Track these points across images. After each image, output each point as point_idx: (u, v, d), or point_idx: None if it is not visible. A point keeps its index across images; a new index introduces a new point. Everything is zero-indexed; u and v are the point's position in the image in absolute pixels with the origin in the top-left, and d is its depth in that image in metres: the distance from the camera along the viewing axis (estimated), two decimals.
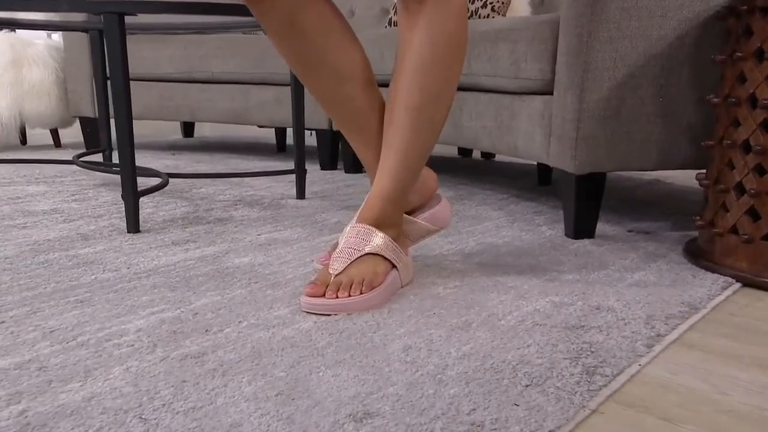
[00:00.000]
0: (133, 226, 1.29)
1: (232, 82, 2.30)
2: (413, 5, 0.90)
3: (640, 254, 1.17)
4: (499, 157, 2.65)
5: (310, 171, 2.13)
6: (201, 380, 0.67)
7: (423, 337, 0.79)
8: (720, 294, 0.97)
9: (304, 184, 1.66)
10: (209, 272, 1.04)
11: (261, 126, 2.57)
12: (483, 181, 1.98)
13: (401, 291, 0.96)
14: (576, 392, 0.66)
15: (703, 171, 1.16)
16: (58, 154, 2.49)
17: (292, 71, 1.56)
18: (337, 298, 0.87)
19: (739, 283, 1.02)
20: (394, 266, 0.95)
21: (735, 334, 0.84)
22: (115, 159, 2.08)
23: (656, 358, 0.76)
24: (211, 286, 0.97)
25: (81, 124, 2.62)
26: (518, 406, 0.63)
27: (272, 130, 3.61)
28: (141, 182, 1.38)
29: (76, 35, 2.49)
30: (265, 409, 0.62)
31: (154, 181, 1.70)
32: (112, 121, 3.04)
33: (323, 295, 0.87)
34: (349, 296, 0.87)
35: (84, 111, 2.56)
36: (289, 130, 3.13)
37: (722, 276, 1.04)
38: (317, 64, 0.93)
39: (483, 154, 2.68)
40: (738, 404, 0.66)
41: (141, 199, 1.60)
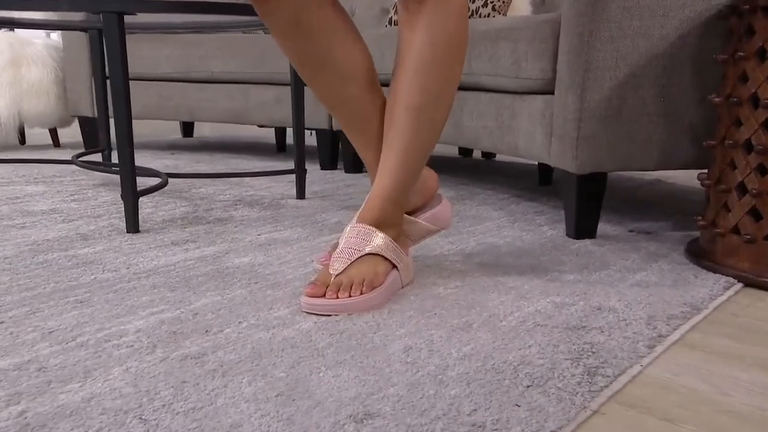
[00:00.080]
0: (133, 226, 1.29)
1: (231, 81, 2.30)
2: (413, 5, 0.89)
3: (642, 254, 1.17)
4: (499, 156, 2.65)
5: (310, 171, 2.13)
6: (201, 381, 0.67)
7: (424, 338, 0.79)
8: (722, 294, 0.97)
9: (304, 184, 1.66)
10: (209, 272, 1.04)
11: (261, 126, 2.57)
12: (484, 181, 1.98)
13: (402, 291, 0.96)
14: (577, 393, 0.66)
15: (705, 171, 1.16)
16: (57, 154, 2.49)
17: (294, 70, 1.56)
18: (337, 298, 0.87)
19: (740, 284, 1.02)
20: (394, 266, 0.94)
21: (737, 334, 0.84)
22: (115, 159, 2.07)
23: (658, 359, 0.76)
24: (211, 287, 0.97)
25: (80, 123, 2.62)
26: (519, 406, 0.63)
27: (272, 129, 3.61)
28: (140, 182, 1.38)
29: (75, 34, 2.48)
30: (265, 410, 0.61)
31: (154, 181, 1.70)
32: (111, 120, 3.04)
33: (323, 296, 0.87)
34: (350, 297, 0.87)
35: (83, 110, 2.56)
36: (289, 129, 3.12)
37: (724, 276, 1.03)
38: (322, 63, 0.93)
39: (484, 153, 2.68)
40: (740, 405, 0.66)
41: (140, 199, 1.60)
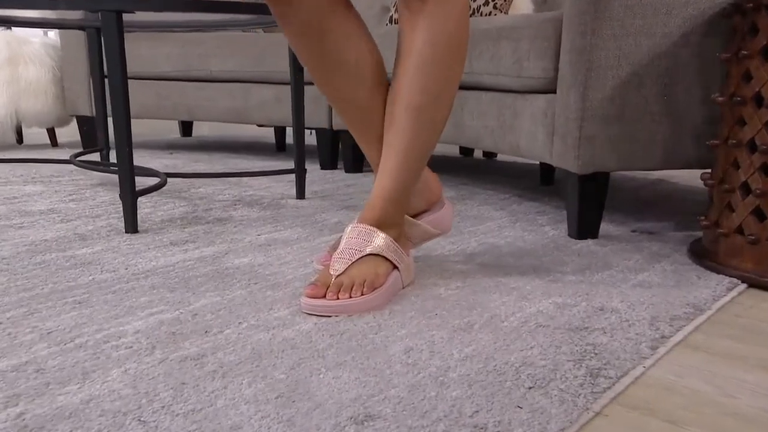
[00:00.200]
0: (131, 226, 1.28)
1: (231, 80, 2.29)
2: (416, 4, 0.90)
3: (644, 255, 1.16)
4: (501, 156, 2.65)
5: (309, 171, 2.13)
6: (200, 382, 0.67)
7: (425, 339, 0.78)
8: (725, 295, 0.96)
9: (304, 184, 1.65)
10: (208, 273, 1.03)
11: (260, 125, 2.56)
12: (485, 181, 1.98)
13: (402, 292, 0.96)
14: (580, 394, 0.65)
15: (708, 171, 1.15)
16: (55, 154, 2.48)
17: (294, 70, 1.55)
18: (337, 299, 0.86)
19: (744, 284, 1.01)
20: (395, 267, 0.94)
21: (740, 335, 0.83)
22: (113, 158, 2.06)
23: (661, 360, 0.75)
24: (211, 287, 0.96)
25: (78, 123, 2.61)
26: (521, 408, 0.62)
27: (271, 129, 3.61)
28: (139, 182, 1.37)
29: (72, 33, 2.47)
30: (265, 412, 0.61)
31: (153, 181, 1.69)
32: (109, 120, 3.03)
33: (324, 297, 0.87)
34: (350, 297, 0.87)
35: (81, 110, 2.55)
36: (288, 129, 3.12)
37: (727, 277, 1.03)
38: (335, 65, 0.94)
39: (485, 153, 2.68)
40: (744, 406, 0.65)
41: (139, 199, 1.59)
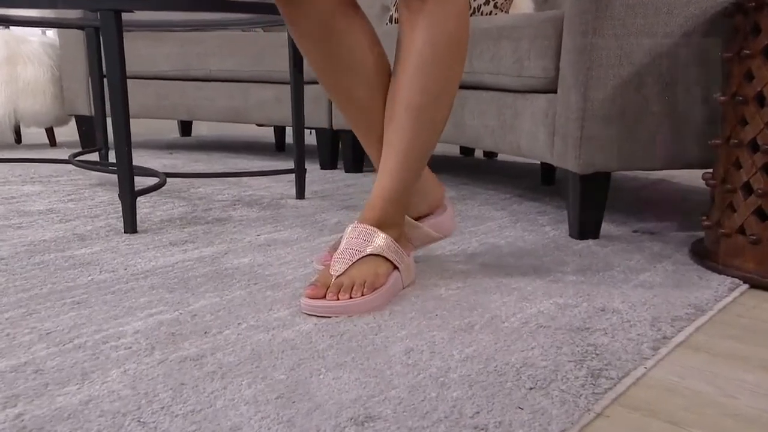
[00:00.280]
0: (130, 226, 1.28)
1: (230, 80, 2.29)
2: (416, 4, 0.90)
3: (646, 255, 1.16)
4: (501, 156, 2.64)
5: (309, 170, 2.12)
6: (200, 383, 0.66)
7: (425, 340, 0.78)
8: (727, 295, 0.96)
9: (304, 184, 1.65)
10: (208, 273, 1.03)
11: (260, 125, 2.56)
12: (485, 181, 1.97)
13: (403, 292, 0.95)
14: (581, 395, 0.65)
15: (710, 170, 1.15)
16: (54, 153, 2.48)
17: (294, 69, 1.55)
18: (338, 299, 0.86)
19: (746, 285, 1.01)
20: (395, 267, 0.94)
21: (742, 336, 0.83)
22: (112, 158, 2.06)
23: (662, 361, 0.75)
24: (210, 288, 0.96)
25: (77, 122, 2.61)
26: (522, 409, 0.62)
27: (271, 129, 3.61)
28: (138, 182, 1.37)
29: (71, 32, 2.47)
30: (265, 412, 0.61)
31: (152, 181, 1.69)
32: (108, 119, 3.03)
33: (324, 297, 0.86)
34: (350, 298, 0.87)
35: (80, 109, 2.54)
36: (288, 129, 3.12)
37: (729, 277, 1.03)
38: (343, 66, 0.94)
39: (485, 153, 2.68)
40: (745, 407, 0.65)
41: (138, 199, 1.59)
